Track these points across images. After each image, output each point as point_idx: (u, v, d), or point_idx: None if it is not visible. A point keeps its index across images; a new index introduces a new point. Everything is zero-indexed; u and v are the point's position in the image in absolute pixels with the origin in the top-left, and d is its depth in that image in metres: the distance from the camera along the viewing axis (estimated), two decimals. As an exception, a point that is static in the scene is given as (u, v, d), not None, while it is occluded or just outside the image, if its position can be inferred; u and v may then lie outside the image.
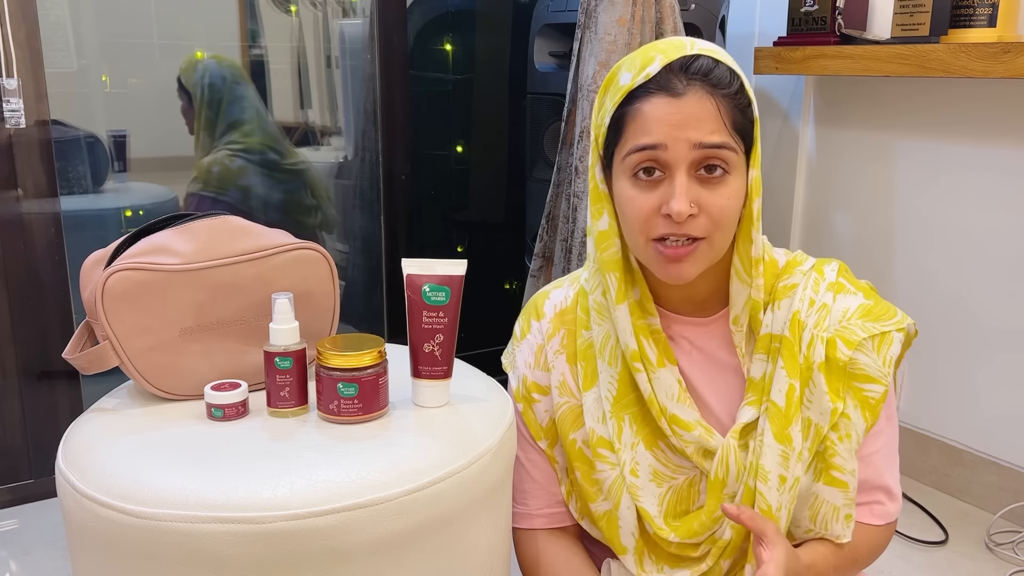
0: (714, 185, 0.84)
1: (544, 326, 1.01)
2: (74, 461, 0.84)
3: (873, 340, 0.91)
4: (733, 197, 0.85)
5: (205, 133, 2.12)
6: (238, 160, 2.13)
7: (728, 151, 0.84)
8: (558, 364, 0.99)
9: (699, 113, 0.83)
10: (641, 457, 0.94)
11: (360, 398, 0.88)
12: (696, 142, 0.82)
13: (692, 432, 0.92)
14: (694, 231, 0.84)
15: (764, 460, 0.89)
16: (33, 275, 1.77)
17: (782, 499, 0.90)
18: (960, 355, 1.89)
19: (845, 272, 0.97)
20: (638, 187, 0.86)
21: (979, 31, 1.69)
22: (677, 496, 0.95)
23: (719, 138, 0.83)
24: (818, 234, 2.18)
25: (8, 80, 1.68)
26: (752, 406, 0.92)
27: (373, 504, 0.78)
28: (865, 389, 0.90)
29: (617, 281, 0.92)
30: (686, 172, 0.83)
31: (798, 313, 0.91)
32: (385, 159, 2.22)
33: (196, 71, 2.09)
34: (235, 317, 0.95)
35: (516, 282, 2.59)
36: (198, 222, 0.97)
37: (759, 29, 2.24)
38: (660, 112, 0.83)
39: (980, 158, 1.80)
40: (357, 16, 2.29)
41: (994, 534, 1.76)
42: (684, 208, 0.82)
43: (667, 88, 0.83)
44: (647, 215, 0.85)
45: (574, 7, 2.03)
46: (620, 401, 0.95)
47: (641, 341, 0.92)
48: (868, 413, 0.90)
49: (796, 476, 0.90)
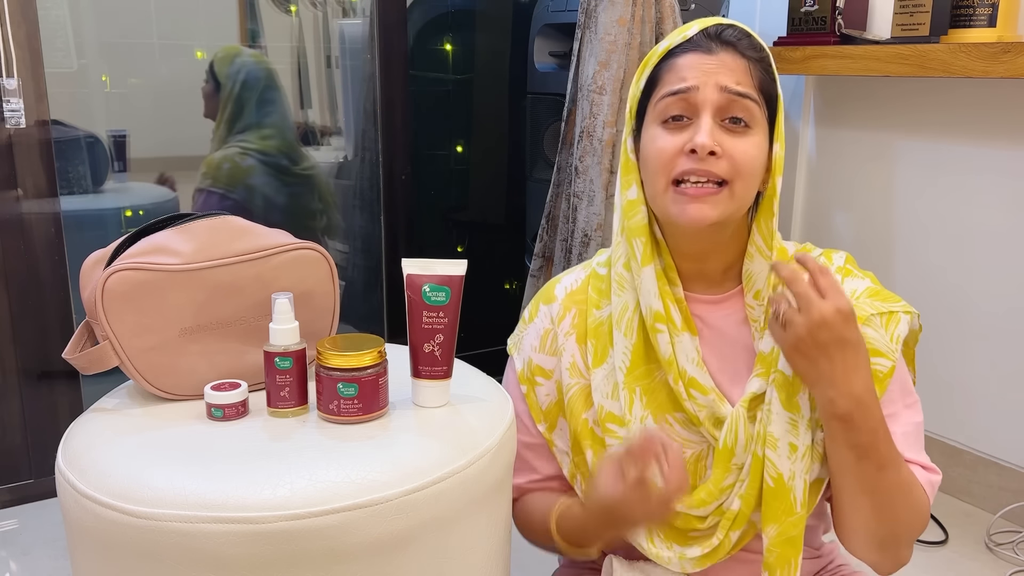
0: (737, 134, 0.88)
1: (555, 308, 1.02)
2: (74, 461, 0.84)
3: (881, 317, 0.92)
4: (756, 147, 0.89)
5: (225, 125, 2.12)
6: (249, 159, 2.13)
7: (753, 103, 0.89)
8: (568, 346, 1.00)
9: (730, 64, 0.89)
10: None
11: (360, 398, 0.88)
12: (724, 86, 0.87)
13: (708, 396, 0.93)
14: (717, 169, 0.87)
15: (772, 427, 0.90)
16: (33, 275, 1.77)
17: (795, 468, 0.90)
18: (960, 355, 1.89)
19: (852, 261, 0.99)
20: (666, 130, 0.90)
21: (979, 31, 1.69)
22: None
23: (745, 88, 0.88)
24: (818, 234, 2.18)
25: (8, 80, 1.68)
26: (760, 377, 0.93)
27: (373, 504, 0.78)
28: (873, 362, 0.91)
29: (643, 245, 0.94)
30: (712, 115, 0.88)
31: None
32: (385, 159, 2.22)
33: (232, 64, 2.09)
34: (235, 317, 0.95)
35: (516, 282, 2.59)
36: (198, 222, 0.97)
37: (759, 29, 2.24)
38: (693, 61, 0.89)
39: (980, 158, 1.80)
40: (357, 16, 2.29)
41: (994, 534, 1.76)
42: (708, 141, 0.86)
43: (702, 46, 0.90)
44: (671, 154, 0.89)
45: (574, 7, 2.03)
46: (632, 372, 0.96)
47: (667, 304, 0.94)
48: (876, 386, 0.90)
49: (807, 444, 0.90)
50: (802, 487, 0.90)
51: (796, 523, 0.91)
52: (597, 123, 1.86)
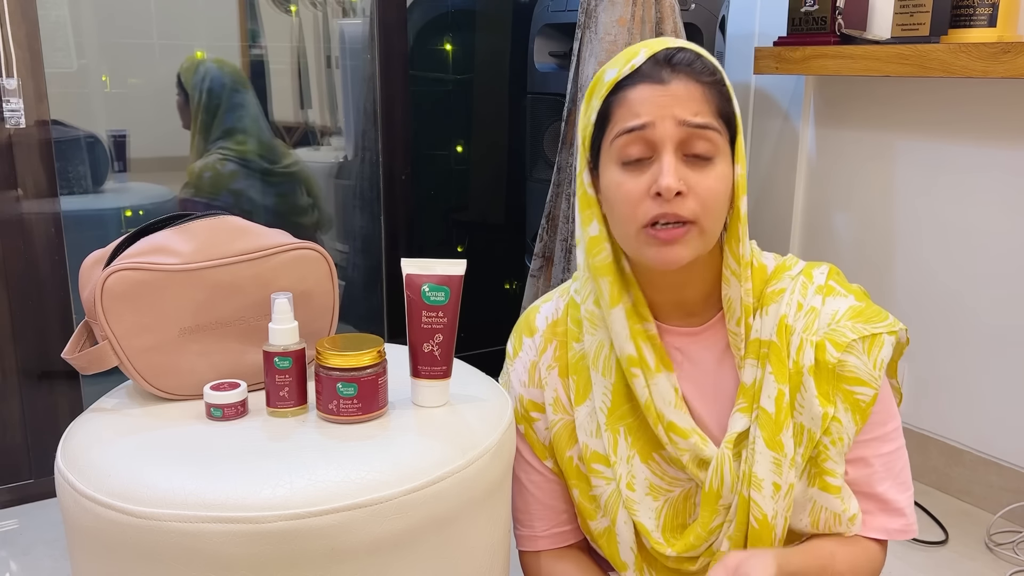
0: (701, 168, 0.84)
1: (537, 340, 1.00)
2: (73, 461, 0.84)
3: (864, 342, 0.89)
4: (721, 180, 0.85)
5: (200, 135, 2.11)
6: (230, 164, 2.13)
7: (713, 132, 0.84)
8: (551, 380, 0.98)
9: (684, 95, 0.83)
10: (637, 470, 0.93)
11: (359, 398, 0.88)
12: (682, 120, 0.83)
13: (688, 439, 0.91)
14: (683, 211, 0.83)
15: (757, 468, 0.88)
16: (33, 275, 1.77)
17: (777, 507, 0.89)
18: (960, 355, 1.89)
19: (836, 275, 0.95)
20: (626, 172, 0.86)
21: (979, 31, 1.68)
22: (674, 510, 0.94)
23: (704, 119, 0.84)
24: (818, 234, 2.18)
25: (8, 80, 1.68)
26: (743, 413, 0.91)
27: (372, 504, 0.78)
28: (856, 392, 0.89)
29: (610, 285, 0.91)
30: (673, 151, 0.83)
31: (785, 317, 0.90)
32: (385, 159, 2.22)
33: (196, 73, 2.08)
34: (234, 317, 0.95)
35: (516, 282, 2.59)
36: (197, 222, 0.97)
37: (759, 29, 2.24)
38: (646, 95, 0.84)
39: (980, 158, 1.80)
40: (357, 16, 2.29)
41: (994, 534, 1.76)
42: (673, 182, 0.82)
43: (652, 76, 0.84)
44: (636, 198, 0.85)
45: (574, 7, 2.03)
46: (615, 412, 0.94)
47: (639, 345, 0.91)
48: (858, 416, 0.89)
49: (790, 483, 0.89)
50: (783, 524, 0.90)
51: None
52: (597, 123, 1.86)
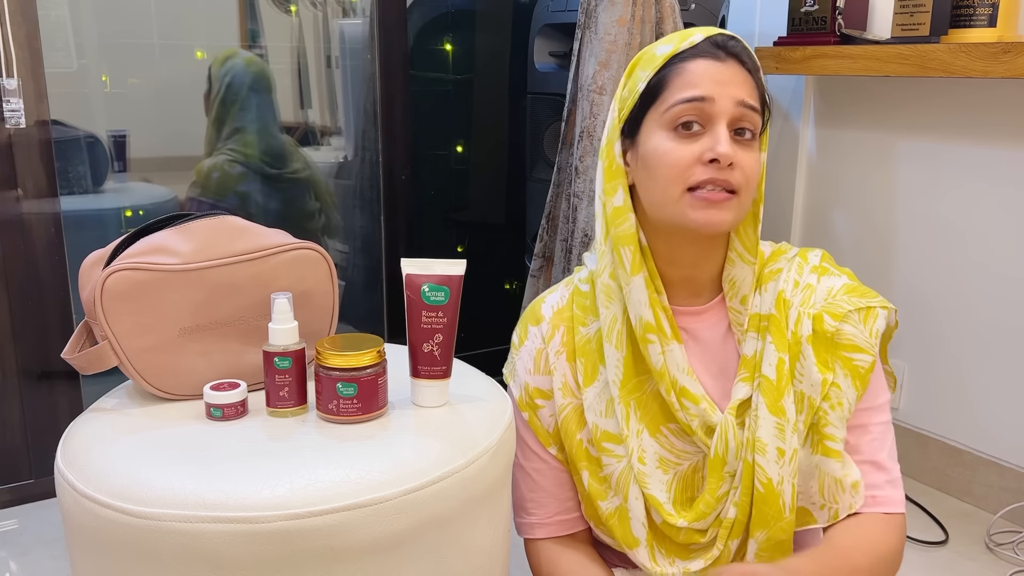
0: (745, 146, 0.90)
1: (543, 328, 1.02)
2: (73, 461, 0.84)
3: (859, 312, 0.93)
4: (758, 160, 0.92)
5: (214, 128, 2.11)
6: (238, 167, 2.13)
7: (758, 116, 0.91)
8: (559, 365, 1.00)
9: (739, 77, 0.90)
10: (647, 444, 0.95)
11: (359, 398, 0.88)
12: (739, 99, 0.89)
13: (699, 405, 0.93)
14: (733, 179, 0.88)
15: (760, 433, 0.91)
16: (33, 275, 1.77)
17: (783, 472, 0.90)
18: (960, 355, 1.89)
19: (828, 259, 1.00)
20: (678, 139, 0.90)
21: (979, 31, 1.68)
22: (683, 483, 0.96)
23: (754, 101, 0.90)
24: (818, 234, 2.18)
25: (8, 80, 1.68)
26: (745, 382, 0.94)
27: (372, 504, 0.78)
28: (854, 358, 0.92)
29: (632, 254, 0.94)
30: (727, 126, 0.89)
31: (783, 292, 0.95)
32: (385, 159, 2.22)
33: (223, 66, 2.08)
34: (234, 317, 0.95)
35: (516, 282, 2.58)
36: (197, 222, 0.97)
37: (759, 29, 2.24)
38: (705, 68, 0.89)
39: (980, 158, 1.80)
40: (357, 16, 2.29)
41: (994, 534, 1.76)
42: (730, 152, 0.87)
43: (711, 54, 0.90)
44: (687, 163, 0.89)
45: (574, 7, 2.03)
46: (626, 385, 0.96)
47: (657, 314, 0.94)
48: (858, 382, 0.92)
49: (794, 448, 0.91)
50: (790, 491, 0.91)
51: (785, 527, 0.91)
52: (597, 123, 1.86)
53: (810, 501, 0.94)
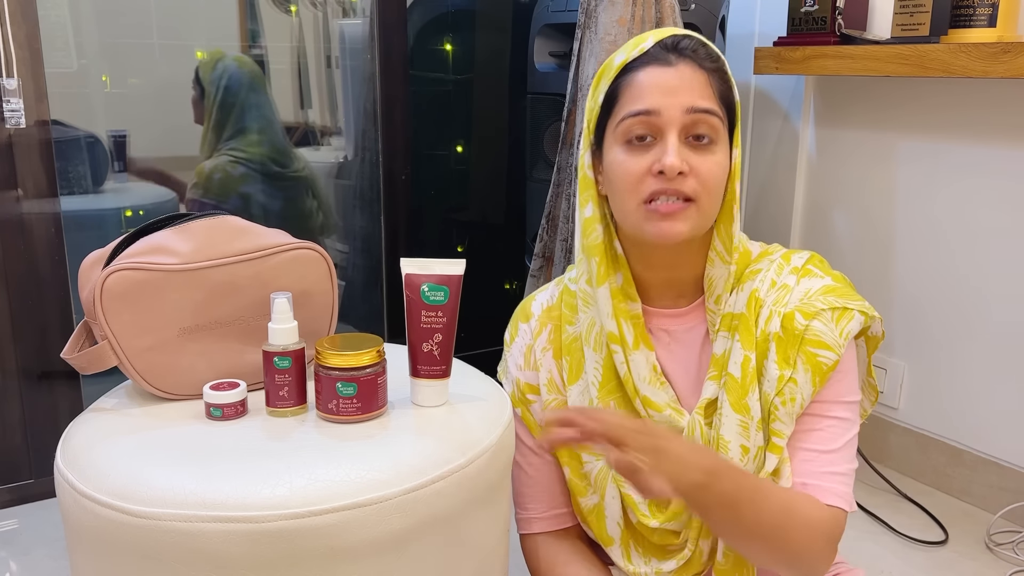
0: (703, 151, 0.88)
1: (532, 325, 1.03)
2: (73, 461, 0.84)
3: (833, 312, 0.91)
4: (720, 164, 0.89)
5: (212, 132, 2.11)
6: (240, 167, 2.13)
7: (716, 118, 0.88)
8: (545, 361, 1.01)
9: (690, 80, 0.87)
10: None
11: (359, 397, 0.88)
12: (688, 106, 0.87)
13: (662, 413, 0.94)
14: (685, 188, 0.87)
15: (723, 431, 0.91)
16: (33, 275, 1.77)
17: (747, 469, 0.90)
18: (960, 355, 1.89)
19: (818, 262, 0.97)
20: (630, 151, 0.89)
21: (979, 31, 1.68)
22: None
23: (707, 104, 0.87)
24: (818, 234, 2.18)
25: (8, 80, 1.68)
26: (713, 381, 0.94)
27: (372, 503, 0.78)
28: (818, 354, 0.90)
29: (597, 265, 0.95)
30: (677, 134, 0.87)
31: (756, 291, 0.94)
32: (385, 159, 2.22)
33: (215, 69, 2.08)
34: (234, 317, 0.95)
35: (516, 282, 2.58)
36: (196, 222, 0.97)
37: (759, 29, 2.24)
38: (653, 79, 0.88)
39: (980, 158, 1.80)
40: (357, 16, 2.29)
41: (994, 534, 1.76)
42: (676, 162, 0.86)
43: (660, 60, 0.89)
44: (639, 176, 0.88)
45: (574, 7, 2.03)
46: (605, 387, 0.97)
47: (620, 323, 0.95)
48: (817, 378, 0.89)
49: (759, 445, 0.91)
50: None
51: None
52: (597, 123, 1.86)
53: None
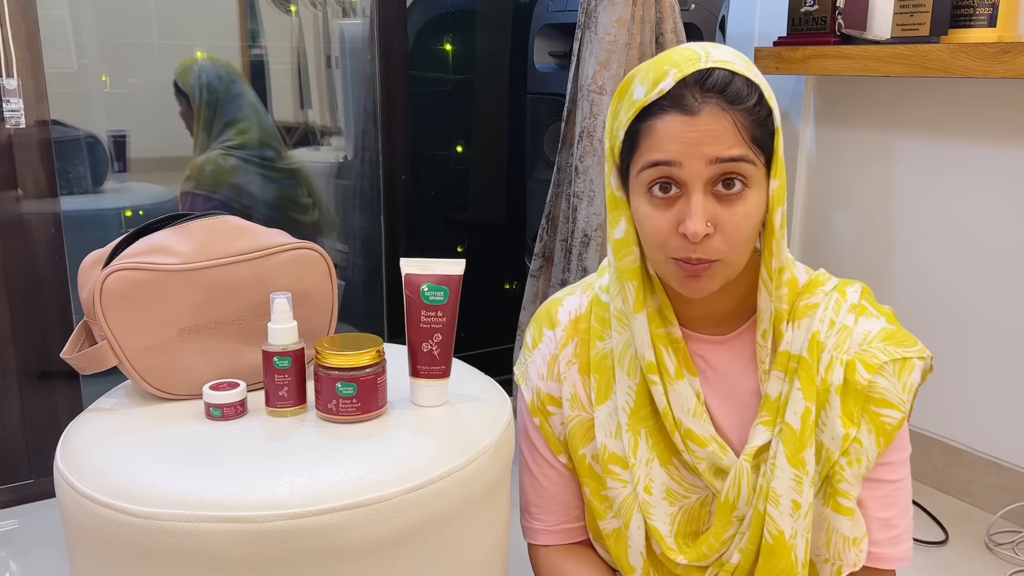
0: (731, 202, 0.81)
1: (558, 334, 0.97)
2: (73, 461, 0.84)
3: (894, 364, 0.87)
4: (751, 215, 0.82)
5: (204, 132, 2.11)
6: (232, 159, 2.13)
7: (747, 164, 0.80)
8: (570, 375, 0.96)
9: (715, 129, 0.79)
10: (655, 474, 0.92)
11: (358, 397, 0.88)
12: (712, 157, 0.79)
13: (706, 448, 0.89)
14: (709, 253, 0.81)
15: (776, 483, 0.87)
16: (33, 275, 1.77)
17: (796, 526, 0.87)
18: (960, 355, 1.89)
19: (868, 295, 0.93)
20: (654, 205, 0.83)
21: (979, 31, 1.68)
22: (688, 516, 0.93)
23: (737, 151, 0.79)
24: (818, 234, 2.18)
25: (8, 80, 1.68)
26: (766, 427, 0.89)
27: (372, 503, 0.78)
28: (882, 414, 0.87)
29: (635, 290, 0.89)
30: (702, 189, 0.80)
31: (817, 334, 0.88)
32: (385, 159, 2.22)
33: (192, 73, 2.09)
34: (233, 317, 0.95)
35: (516, 282, 2.58)
36: (196, 222, 0.97)
37: (759, 29, 2.24)
38: (674, 130, 0.79)
39: (980, 158, 1.80)
40: (357, 16, 2.29)
41: (994, 534, 1.76)
42: (700, 228, 0.79)
43: (681, 105, 0.79)
44: (664, 234, 0.83)
45: (574, 7, 2.03)
46: (637, 414, 0.92)
47: (660, 351, 0.90)
48: (882, 439, 0.87)
49: (810, 501, 0.87)
50: (803, 546, 0.87)
51: None
52: (597, 123, 1.86)
53: (815, 554, 0.91)
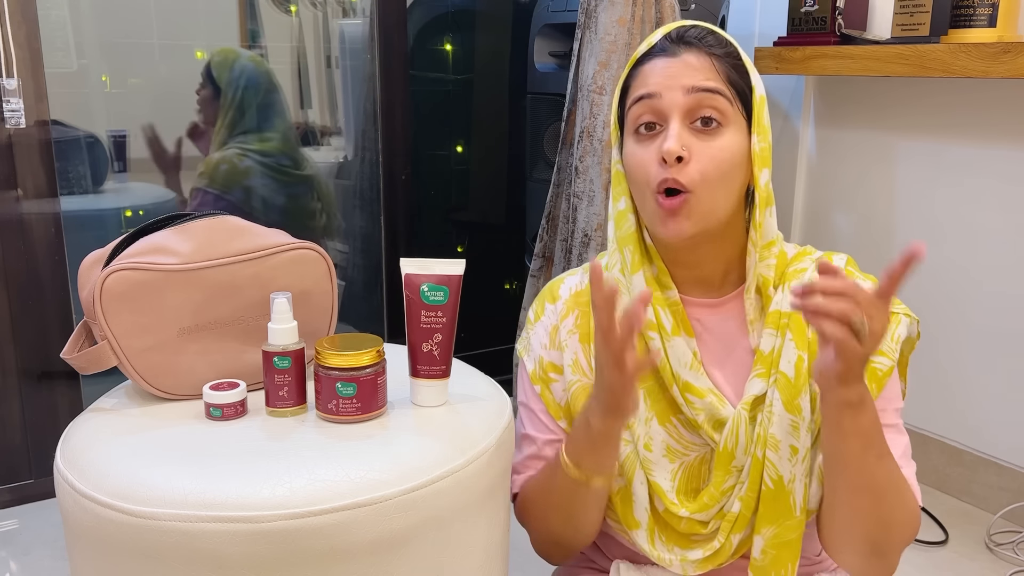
0: (708, 136, 0.87)
1: (559, 307, 1.02)
2: (73, 461, 0.84)
3: None
4: (726, 149, 0.87)
5: (225, 130, 2.11)
6: (247, 160, 2.13)
7: (722, 99, 0.87)
8: (571, 343, 0.99)
9: (694, 63, 0.88)
10: (655, 432, 0.95)
11: (358, 397, 0.88)
12: (689, 86, 0.87)
13: (704, 399, 0.93)
14: (683, 178, 0.86)
15: (773, 429, 0.90)
16: (33, 275, 1.77)
17: (795, 471, 0.89)
18: (960, 355, 1.89)
19: (852, 264, 0.99)
20: (640, 141, 0.90)
21: (979, 31, 1.68)
22: (688, 473, 0.96)
23: (713, 84, 0.87)
24: (818, 234, 2.18)
25: (8, 80, 1.68)
26: (761, 378, 0.92)
27: (372, 503, 0.78)
28: (874, 360, 0.90)
29: (632, 253, 0.95)
30: (680, 120, 0.87)
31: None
32: (385, 159, 2.22)
33: (233, 69, 2.08)
34: (233, 317, 0.95)
35: (516, 282, 2.59)
36: (196, 222, 0.97)
37: (759, 29, 2.24)
38: (657, 68, 0.89)
39: (980, 158, 1.80)
40: (357, 16, 2.29)
41: (994, 534, 1.76)
42: (675, 147, 0.85)
43: (665, 51, 0.90)
44: (647, 164, 0.88)
45: (574, 7, 2.03)
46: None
47: (657, 311, 0.94)
48: (874, 384, 0.90)
49: (807, 447, 0.89)
50: (802, 491, 0.90)
51: (794, 527, 0.90)
52: (597, 123, 1.86)
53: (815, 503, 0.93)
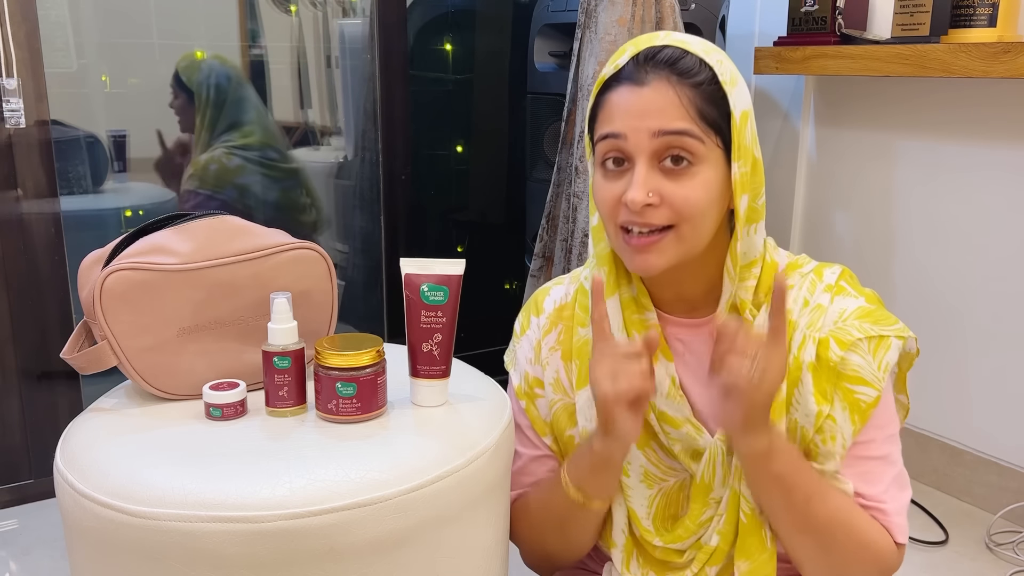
0: (678, 177, 0.83)
1: (542, 321, 1.00)
2: (72, 461, 0.84)
3: (869, 342, 0.86)
4: (699, 188, 0.83)
5: (206, 131, 2.12)
6: (236, 159, 2.13)
7: (692, 139, 0.82)
8: (552, 361, 0.98)
9: (660, 101, 0.82)
10: (633, 457, 0.93)
11: (358, 397, 0.88)
12: (656, 130, 0.81)
13: (680, 429, 0.90)
14: (655, 220, 0.83)
15: None
16: (33, 275, 1.77)
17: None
18: (960, 355, 1.89)
19: (848, 278, 0.93)
20: (606, 176, 0.86)
21: (979, 31, 1.68)
22: (666, 499, 0.94)
23: (681, 125, 0.81)
24: (818, 234, 2.18)
25: (8, 80, 1.68)
26: None
27: (372, 503, 0.78)
28: (856, 391, 0.86)
29: (606, 275, 0.92)
30: (647, 162, 0.83)
31: (789, 313, 0.88)
32: (385, 159, 2.22)
33: (201, 71, 2.09)
34: (233, 317, 0.95)
35: (516, 282, 2.59)
36: (196, 222, 0.97)
37: (759, 29, 2.24)
38: (622, 100, 0.83)
39: (980, 158, 1.80)
40: (357, 16, 2.29)
41: (994, 534, 1.76)
42: (639, 197, 0.81)
43: (631, 78, 0.83)
44: (612, 203, 0.85)
45: (574, 7, 2.03)
46: None
47: (632, 335, 0.91)
48: (857, 416, 0.86)
49: None
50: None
51: (767, 560, 0.89)
52: (597, 123, 1.86)
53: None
